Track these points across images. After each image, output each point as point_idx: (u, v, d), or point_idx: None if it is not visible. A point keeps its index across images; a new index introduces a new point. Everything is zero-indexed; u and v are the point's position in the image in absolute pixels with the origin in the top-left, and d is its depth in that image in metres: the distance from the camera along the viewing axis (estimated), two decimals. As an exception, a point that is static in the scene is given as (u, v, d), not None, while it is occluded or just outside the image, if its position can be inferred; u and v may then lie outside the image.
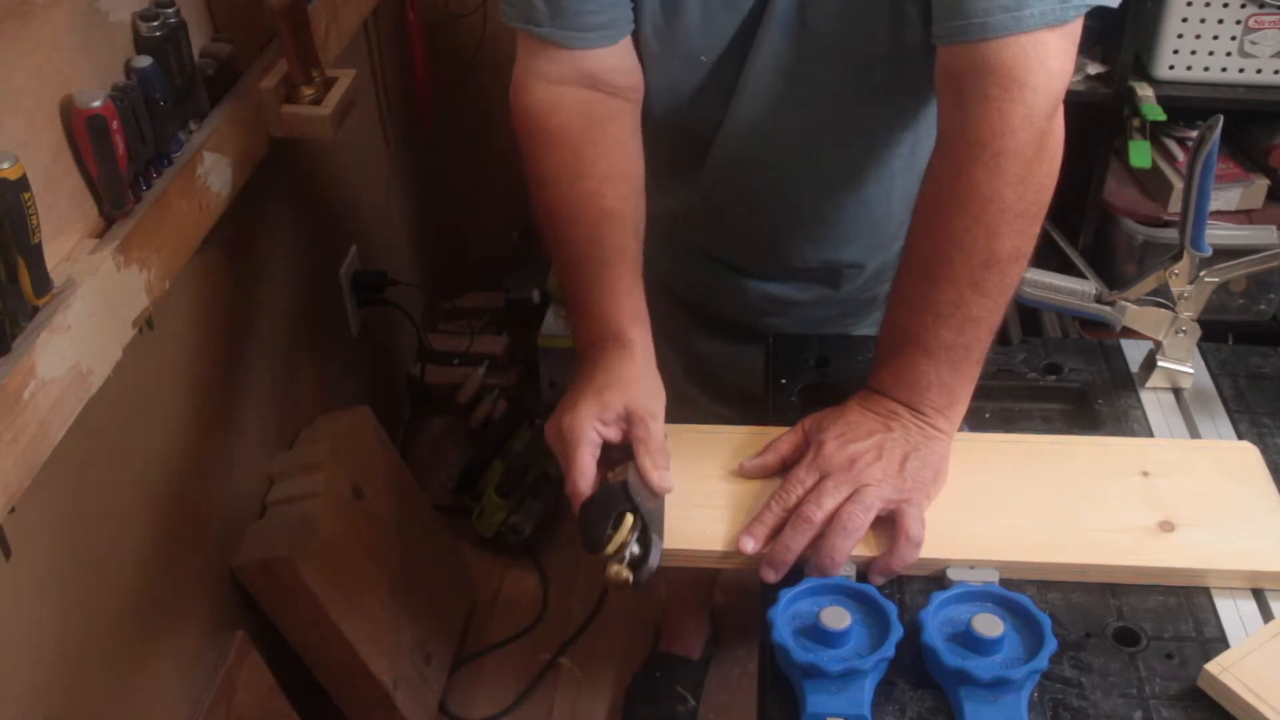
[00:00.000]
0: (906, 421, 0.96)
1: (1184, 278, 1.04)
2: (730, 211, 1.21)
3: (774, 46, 1.04)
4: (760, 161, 1.15)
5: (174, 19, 1.23)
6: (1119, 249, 1.99)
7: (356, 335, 1.98)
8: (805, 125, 1.11)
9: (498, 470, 2.08)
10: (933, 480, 0.95)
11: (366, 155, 2.06)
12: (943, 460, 0.96)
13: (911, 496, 0.92)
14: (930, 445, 0.95)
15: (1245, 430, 1.04)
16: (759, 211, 1.21)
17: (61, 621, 1.15)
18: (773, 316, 1.29)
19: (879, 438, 0.94)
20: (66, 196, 1.10)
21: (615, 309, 1.01)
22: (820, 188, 1.18)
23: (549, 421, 0.97)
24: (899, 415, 0.96)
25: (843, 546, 0.89)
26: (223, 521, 1.50)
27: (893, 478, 0.92)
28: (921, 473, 0.94)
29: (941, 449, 0.96)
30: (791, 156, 1.14)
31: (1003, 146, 0.90)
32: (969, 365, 0.96)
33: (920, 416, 0.96)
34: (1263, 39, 1.82)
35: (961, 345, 0.95)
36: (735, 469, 0.99)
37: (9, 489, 0.97)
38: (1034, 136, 0.90)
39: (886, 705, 0.82)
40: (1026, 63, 0.89)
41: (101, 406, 1.11)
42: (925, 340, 0.95)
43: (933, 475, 0.95)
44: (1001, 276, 0.93)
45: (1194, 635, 0.86)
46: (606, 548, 0.88)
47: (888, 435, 0.95)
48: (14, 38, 1.02)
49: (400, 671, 1.69)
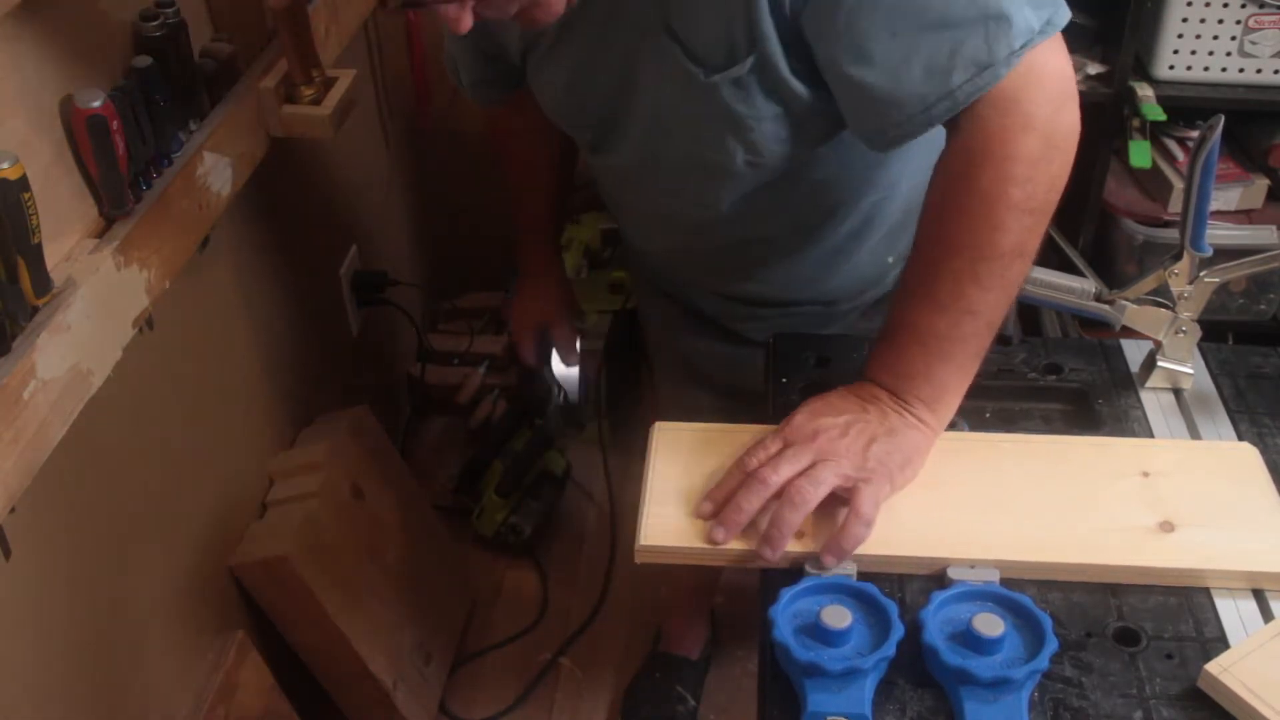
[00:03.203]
0: (886, 407, 0.95)
1: (1184, 278, 1.04)
2: (681, 256, 1.33)
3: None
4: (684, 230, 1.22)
5: (174, 19, 1.22)
6: (1119, 249, 1.99)
7: (356, 335, 1.98)
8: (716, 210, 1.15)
9: (498, 470, 2.08)
10: (900, 468, 0.94)
11: (366, 155, 2.06)
12: (917, 451, 0.95)
13: (871, 478, 0.91)
14: (906, 433, 0.94)
15: (1245, 430, 1.04)
16: (699, 258, 1.29)
17: (61, 621, 1.15)
18: (768, 322, 1.29)
19: (851, 417, 0.94)
20: (66, 196, 1.10)
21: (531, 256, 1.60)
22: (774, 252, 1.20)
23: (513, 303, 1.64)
24: (880, 400, 0.96)
25: (789, 518, 0.89)
26: (223, 521, 1.50)
27: (854, 456, 0.91)
28: (889, 457, 0.93)
29: (918, 439, 0.95)
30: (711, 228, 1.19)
31: (1008, 152, 0.90)
32: (963, 359, 0.96)
33: (902, 404, 0.95)
34: (1263, 39, 1.82)
35: (956, 337, 0.94)
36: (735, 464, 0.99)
37: (9, 489, 0.97)
38: (1038, 140, 0.90)
39: (887, 704, 0.82)
40: (1015, 87, 0.89)
41: (101, 406, 1.11)
42: (919, 329, 0.95)
43: (902, 463, 0.94)
44: (1003, 271, 0.93)
45: (1194, 635, 0.86)
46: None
47: (861, 416, 0.94)
48: (14, 38, 1.02)
49: (400, 671, 1.69)
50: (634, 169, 1.17)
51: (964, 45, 0.88)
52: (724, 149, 1.05)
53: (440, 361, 2.30)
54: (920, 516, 0.94)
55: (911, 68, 0.89)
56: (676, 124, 1.07)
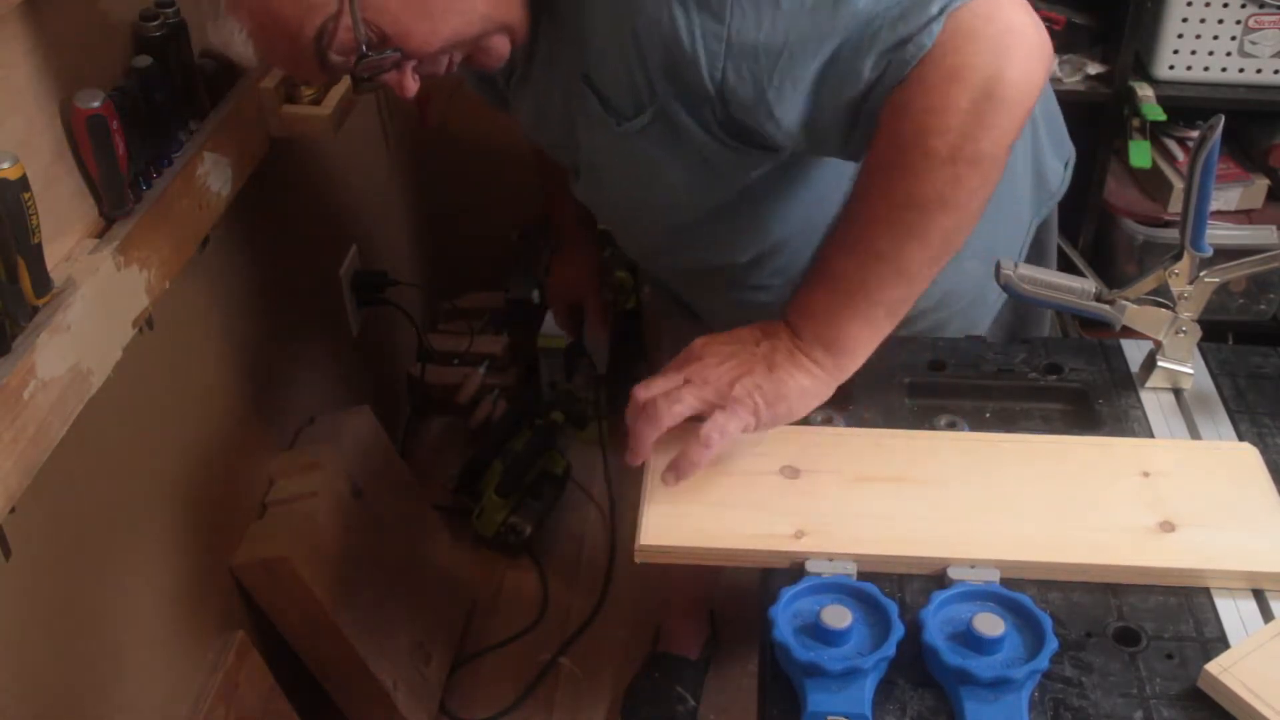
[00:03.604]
0: (780, 343, 0.95)
1: (1184, 278, 1.04)
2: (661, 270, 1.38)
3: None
4: (656, 244, 1.23)
5: (174, 19, 1.22)
6: (1119, 249, 1.99)
7: (356, 335, 1.98)
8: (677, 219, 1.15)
9: (498, 470, 2.08)
10: (770, 404, 0.94)
11: (366, 155, 2.06)
12: (800, 395, 0.95)
13: (732, 408, 0.92)
14: (792, 373, 0.95)
15: (1245, 430, 1.04)
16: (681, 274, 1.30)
17: (61, 621, 1.15)
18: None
19: (738, 348, 0.95)
20: (66, 196, 1.10)
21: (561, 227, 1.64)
22: (756, 254, 1.19)
23: (552, 279, 1.72)
24: (778, 335, 0.96)
25: (642, 432, 0.92)
26: (223, 521, 1.50)
27: (720, 384, 0.92)
28: (759, 392, 0.93)
29: (805, 382, 0.95)
30: (682, 240, 1.19)
31: (929, 104, 0.88)
32: (867, 306, 0.95)
33: (798, 342, 0.95)
34: (1263, 39, 1.82)
35: (860, 279, 0.94)
36: None
37: (9, 489, 0.97)
38: (967, 91, 0.87)
39: (887, 704, 0.82)
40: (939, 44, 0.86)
41: (101, 406, 1.11)
42: (828, 269, 0.95)
43: (774, 399, 0.94)
44: (923, 221, 0.91)
45: (1194, 635, 0.86)
46: None
47: (748, 349, 0.95)
48: (14, 38, 1.02)
49: (400, 671, 1.69)
50: (598, 200, 1.21)
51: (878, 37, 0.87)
52: (650, 189, 1.08)
53: (440, 361, 2.30)
54: (920, 516, 0.94)
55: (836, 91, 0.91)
56: (606, 166, 1.10)
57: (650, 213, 1.16)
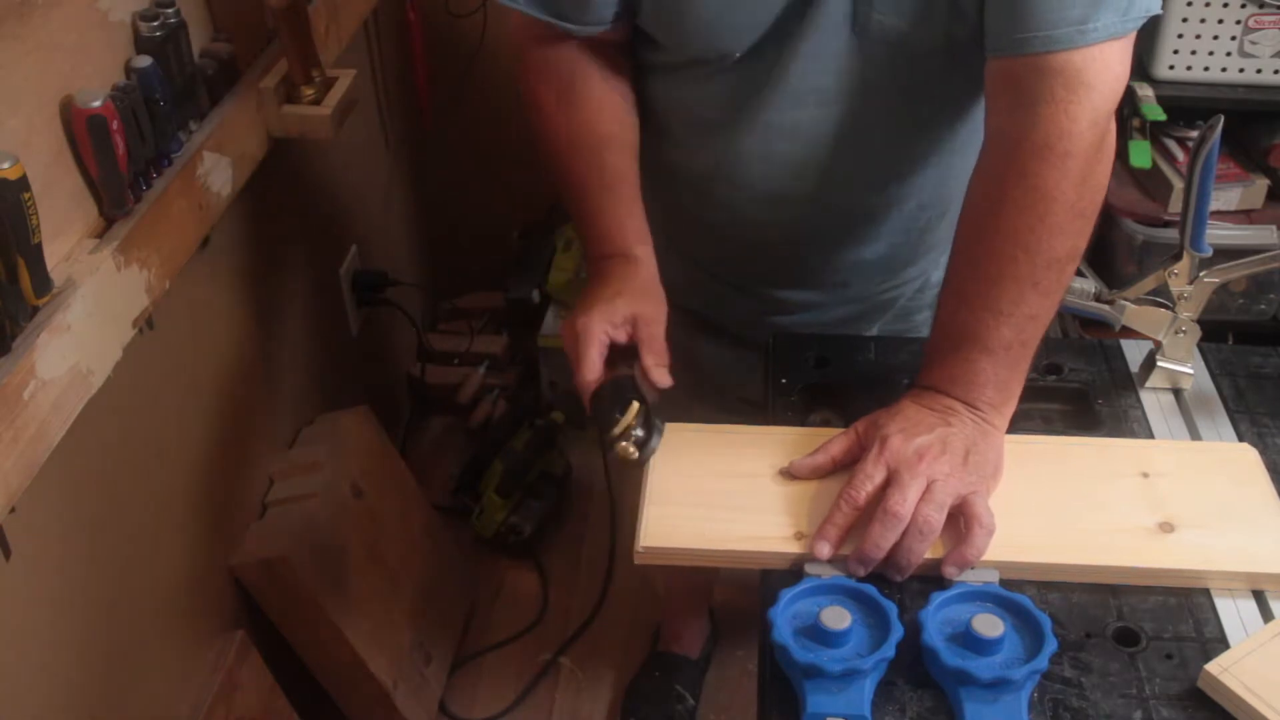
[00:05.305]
0: (964, 417, 0.96)
1: (1184, 278, 1.04)
2: (752, 225, 1.18)
3: (823, 40, 1.02)
4: (792, 168, 1.11)
5: (174, 19, 1.23)
6: (1119, 249, 1.99)
7: (356, 335, 1.98)
8: (847, 127, 1.08)
9: (498, 470, 2.08)
10: (993, 474, 0.96)
11: (366, 155, 2.06)
12: (999, 455, 0.97)
13: (978, 488, 0.93)
14: (987, 440, 0.96)
15: (1245, 431, 1.04)
16: (784, 221, 1.17)
17: (61, 621, 1.15)
18: (781, 316, 1.29)
19: (941, 432, 0.94)
20: (66, 196, 1.10)
21: (620, 229, 1.09)
22: (855, 192, 1.15)
23: (564, 323, 1.04)
24: (956, 411, 0.97)
25: (918, 549, 0.90)
26: (223, 521, 1.50)
27: (959, 472, 0.92)
28: (984, 466, 0.94)
29: (997, 443, 0.97)
30: (829, 161, 1.10)
31: (1070, 147, 0.91)
32: (1025, 363, 0.98)
33: (976, 412, 0.97)
34: (1263, 39, 1.82)
35: (1019, 343, 0.96)
36: (784, 468, 0.98)
37: (9, 489, 0.97)
38: (1097, 138, 0.92)
39: (886, 705, 0.82)
40: (1094, 67, 0.91)
41: (101, 406, 1.11)
42: (985, 338, 0.96)
43: (993, 469, 0.96)
44: (1060, 276, 0.95)
45: (1194, 635, 0.86)
46: (614, 429, 0.97)
47: (949, 430, 0.95)
48: (14, 38, 1.02)
49: (400, 671, 1.69)
50: (773, 77, 1.06)
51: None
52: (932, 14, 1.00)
53: (440, 361, 2.30)
54: (920, 517, 0.94)
55: None
56: (818, 79, 1.04)
57: (836, 139, 1.08)
